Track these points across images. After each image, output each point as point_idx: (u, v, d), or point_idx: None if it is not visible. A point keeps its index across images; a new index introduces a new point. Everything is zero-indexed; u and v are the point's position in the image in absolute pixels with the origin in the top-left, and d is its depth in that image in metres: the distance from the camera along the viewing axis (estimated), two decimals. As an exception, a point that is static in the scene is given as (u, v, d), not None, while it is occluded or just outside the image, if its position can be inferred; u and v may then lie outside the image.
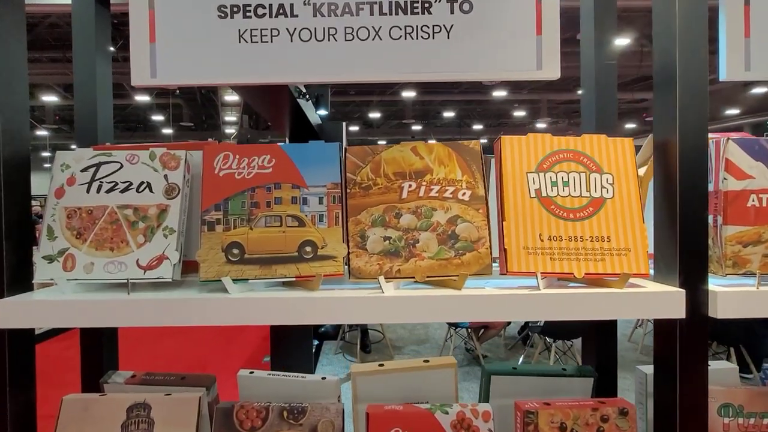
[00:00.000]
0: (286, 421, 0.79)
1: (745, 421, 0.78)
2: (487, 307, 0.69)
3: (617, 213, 0.75)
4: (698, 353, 0.71)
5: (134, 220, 0.79)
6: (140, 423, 0.81)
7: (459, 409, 0.78)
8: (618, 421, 0.79)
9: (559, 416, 0.78)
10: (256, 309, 0.70)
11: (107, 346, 1.03)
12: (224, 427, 0.79)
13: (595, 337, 0.99)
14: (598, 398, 0.83)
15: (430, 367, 0.96)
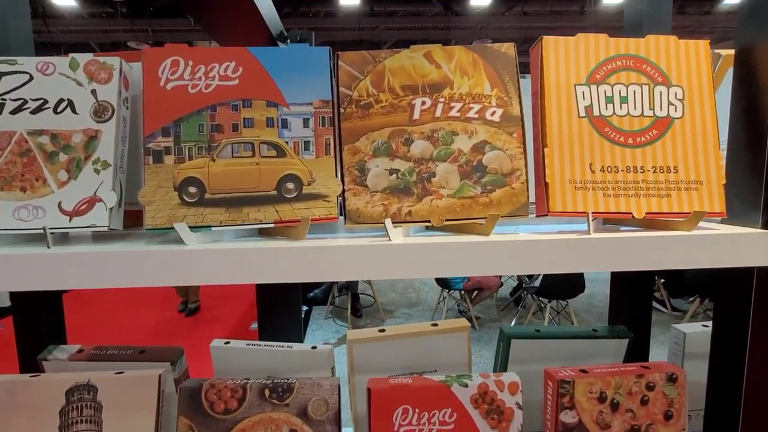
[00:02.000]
0: (268, 401, 0.64)
1: (809, 384, 0.67)
2: (525, 257, 0.54)
3: (687, 137, 0.59)
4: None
5: (53, 151, 0.59)
6: (84, 408, 0.64)
7: (481, 380, 0.65)
8: (665, 389, 0.67)
9: (598, 385, 0.65)
10: (222, 264, 0.52)
11: (49, 317, 0.84)
12: (191, 410, 0.63)
13: (626, 293, 0.87)
14: (640, 363, 0.70)
15: (438, 332, 0.82)
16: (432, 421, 0.63)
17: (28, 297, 0.81)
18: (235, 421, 0.63)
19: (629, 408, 0.66)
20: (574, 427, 0.65)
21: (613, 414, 0.66)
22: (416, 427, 0.63)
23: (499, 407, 0.64)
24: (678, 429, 0.67)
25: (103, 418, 0.64)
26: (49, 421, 0.64)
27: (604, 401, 0.66)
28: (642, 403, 0.67)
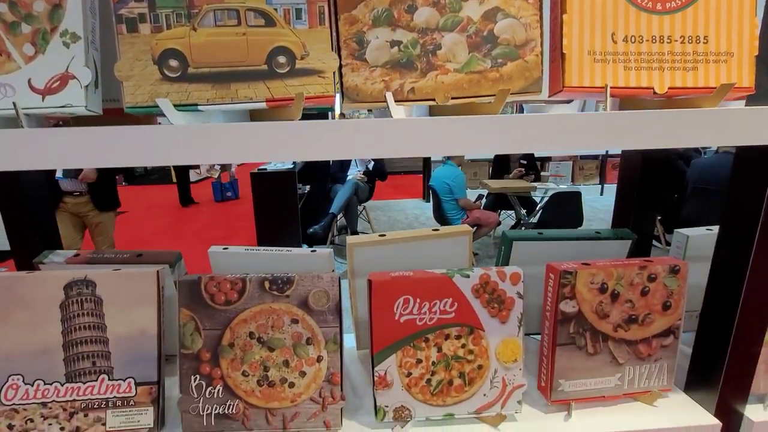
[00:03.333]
0: (269, 293, 0.63)
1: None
2: (538, 133, 0.50)
3: (722, 1, 0.52)
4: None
5: (13, 21, 0.52)
6: (84, 302, 0.64)
7: (482, 272, 0.64)
8: (667, 280, 0.67)
9: (600, 276, 0.65)
10: (213, 139, 0.49)
11: (41, 226, 0.82)
12: (192, 302, 0.63)
13: (631, 202, 0.85)
14: (645, 257, 0.70)
15: (440, 236, 0.81)
16: (433, 310, 0.64)
17: (19, 205, 0.79)
18: (236, 311, 0.63)
19: (629, 299, 0.67)
20: (573, 316, 0.66)
21: (613, 304, 0.67)
22: (417, 316, 0.64)
23: (500, 296, 0.64)
24: (675, 319, 0.69)
25: (104, 312, 0.64)
26: (50, 314, 0.63)
27: (604, 292, 0.66)
28: (642, 294, 0.67)
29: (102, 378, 0.64)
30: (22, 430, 0.63)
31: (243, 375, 0.63)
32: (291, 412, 0.64)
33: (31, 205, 0.79)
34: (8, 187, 0.78)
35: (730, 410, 0.67)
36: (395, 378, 0.65)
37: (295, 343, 0.64)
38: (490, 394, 0.66)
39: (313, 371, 0.64)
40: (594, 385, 0.68)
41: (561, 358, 0.67)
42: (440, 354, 0.65)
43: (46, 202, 0.83)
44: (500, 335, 0.65)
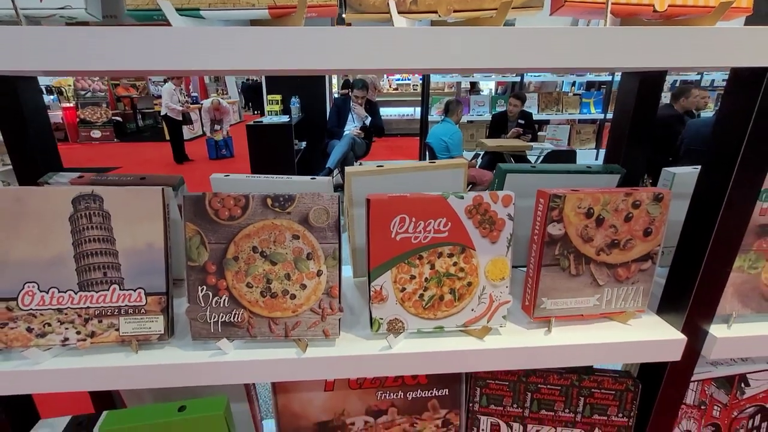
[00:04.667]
0: (271, 210, 0.66)
1: (784, 205, 0.71)
2: (540, 48, 0.51)
3: None
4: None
5: None
6: (93, 216, 0.66)
7: (475, 194, 0.67)
8: (650, 207, 0.70)
9: (587, 201, 0.69)
10: (210, 46, 0.49)
11: (42, 146, 0.83)
12: (197, 217, 0.66)
13: (624, 138, 0.87)
14: (631, 186, 0.73)
15: (436, 167, 0.83)
16: (427, 229, 0.67)
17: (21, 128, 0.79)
18: (240, 227, 0.66)
19: (613, 224, 0.70)
20: (559, 239, 0.70)
21: (597, 229, 0.70)
22: (412, 234, 0.67)
23: (492, 218, 0.67)
24: (654, 245, 0.73)
25: (112, 226, 0.67)
26: (60, 227, 0.66)
27: (590, 216, 0.69)
28: (626, 220, 0.71)
29: (113, 288, 0.68)
30: (41, 333, 0.67)
31: (247, 286, 0.67)
32: (292, 321, 0.69)
33: (33, 127, 0.79)
34: (9, 109, 0.78)
35: (697, 328, 0.72)
36: (390, 292, 0.69)
37: (296, 257, 0.67)
38: (477, 309, 0.71)
39: (313, 284, 0.68)
40: (574, 305, 0.73)
41: (545, 278, 0.71)
42: (433, 271, 0.69)
43: (48, 126, 0.83)
44: (490, 254, 0.69)
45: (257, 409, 1.08)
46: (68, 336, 0.68)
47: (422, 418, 0.88)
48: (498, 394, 0.84)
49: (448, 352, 0.69)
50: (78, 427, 0.73)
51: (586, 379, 0.81)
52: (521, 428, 0.86)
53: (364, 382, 0.85)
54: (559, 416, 0.84)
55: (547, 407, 0.83)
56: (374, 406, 0.87)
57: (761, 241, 0.72)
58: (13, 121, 0.79)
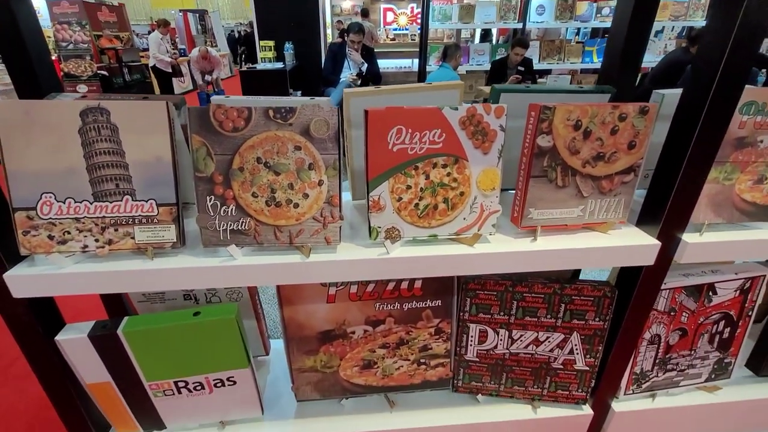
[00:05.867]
0: (273, 121, 0.69)
1: (763, 118, 0.75)
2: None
3: None
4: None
5: None
6: (101, 129, 0.69)
7: (469, 105, 0.70)
8: (635, 120, 0.74)
9: (576, 113, 0.72)
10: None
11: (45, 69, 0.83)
12: (202, 128, 0.68)
13: (617, 60, 0.88)
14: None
15: (433, 88, 0.85)
16: (423, 140, 0.70)
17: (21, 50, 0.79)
18: (243, 138, 0.69)
19: (599, 137, 0.74)
20: (547, 150, 0.73)
21: (584, 141, 0.74)
22: (408, 145, 0.71)
23: (484, 129, 0.71)
24: (637, 158, 0.77)
25: (121, 139, 0.70)
26: (70, 140, 0.69)
27: (578, 129, 0.73)
28: (612, 132, 0.74)
29: (126, 198, 0.72)
30: (62, 240, 0.72)
31: (253, 196, 0.72)
32: (296, 229, 0.74)
33: (32, 47, 0.79)
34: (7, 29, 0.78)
35: (671, 235, 0.78)
36: (387, 202, 0.74)
37: (298, 168, 0.71)
38: (469, 218, 0.76)
39: (315, 194, 0.72)
40: (559, 215, 0.79)
41: (533, 189, 0.76)
42: (428, 181, 0.73)
43: (46, 47, 0.83)
44: (482, 165, 0.73)
45: (264, 326, 1.17)
46: (87, 243, 0.73)
47: (417, 327, 0.96)
48: (486, 304, 0.92)
49: (440, 256, 0.75)
50: (103, 329, 0.80)
51: (567, 287, 0.88)
52: (507, 334, 0.94)
53: (363, 294, 0.91)
54: (542, 322, 0.92)
55: (530, 314, 0.91)
56: (373, 316, 0.94)
57: (737, 153, 0.76)
58: (12, 41, 0.79)
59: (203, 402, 0.93)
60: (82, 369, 0.82)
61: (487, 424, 1.00)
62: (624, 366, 0.96)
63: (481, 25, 5.06)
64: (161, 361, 0.85)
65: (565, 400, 1.00)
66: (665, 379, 1.02)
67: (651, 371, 1.00)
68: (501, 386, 1.01)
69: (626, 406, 1.01)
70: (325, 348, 0.97)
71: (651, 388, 1.02)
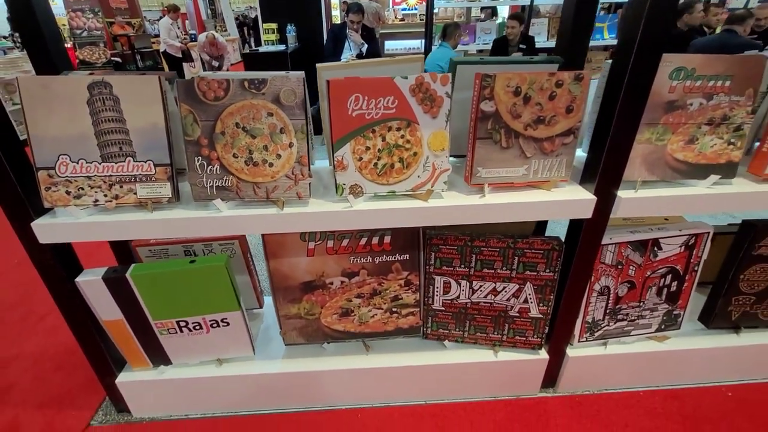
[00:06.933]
0: (248, 91, 0.80)
1: (692, 83, 0.82)
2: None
3: None
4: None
5: None
6: (105, 100, 0.81)
7: (418, 74, 0.79)
8: (571, 86, 0.82)
9: (515, 80, 0.80)
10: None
11: (59, 51, 0.96)
12: (189, 98, 0.80)
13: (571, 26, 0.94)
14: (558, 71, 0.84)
15: (396, 62, 0.95)
16: (378, 106, 0.80)
17: (34, 29, 0.91)
18: (224, 106, 0.80)
19: (538, 102, 0.82)
20: (491, 115, 0.82)
21: (524, 106, 0.83)
22: (365, 111, 0.81)
23: (432, 95, 0.80)
24: (575, 121, 0.85)
25: (122, 108, 0.82)
26: (81, 109, 0.81)
27: (518, 94, 0.81)
28: (550, 98, 0.82)
29: (128, 160, 0.85)
30: (77, 195, 0.86)
31: (234, 156, 0.83)
32: (272, 185, 0.86)
33: (47, 31, 0.91)
34: (25, 15, 0.90)
35: (606, 191, 0.87)
36: (350, 162, 0.85)
37: (271, 131, 0.82)
38: (423, 176, 0.87)
39: (286, 154, 0.84)
40: (505, 174, 0.88)
41: (480, 149, 0.85)
42: (384, 143, 0.83)
43: (58, 32, 0.95)
44: (431, 128, 0.83)
45: (257, 282, 1.31)
46: (98, 198, 0.86)
47: (388, 279, 1.08)
48: (449, 257, 1.03)
49: (398, 209, 0.86)
50: (114, 273, 0.94)
51: (520, 242, 0.98)
52: (467, 284, 1.05)
53: (339, 248, 1.03)
54: (498, 273, 1.02)
55: (488, 266, 1.02)
56: (348, 268, 1.06)
57: (668, 115, 0.84)
58: (31, 27, 0.91)
59: (202, 341, 1.08)
60: (99, 307, 0.97)
61: (453, 366, 1.12)
62: (575, 314, 1.06)
63: (487, 3, 4.99)
64: (164, 302, 1.00)
65: (523, 346, 1.11)
66: (616, 328, 1.11)
67: (602, 320, 1.09)
68: (465, 333, 1.13)
69: (580, 352, 1.12)
70: (307, 297, 1.09)
71: (603, 336, 1.12)
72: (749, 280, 1.07)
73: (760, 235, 1.01)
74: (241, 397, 1.16)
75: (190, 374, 1.11)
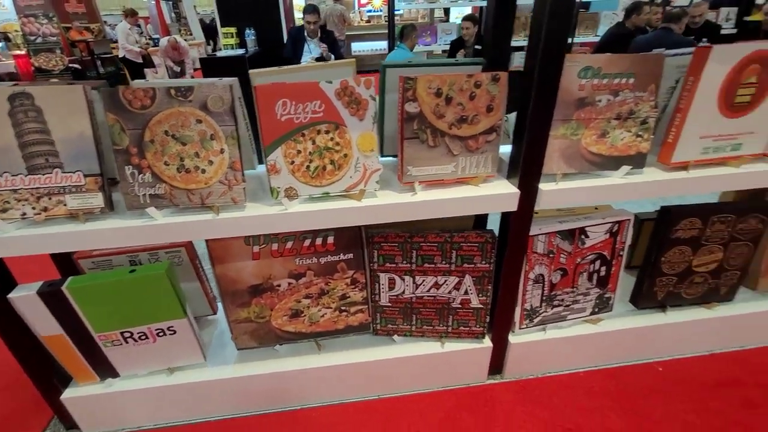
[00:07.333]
0: (175, 99, 0.81)
1: (599, 81, 0.88)
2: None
3: None
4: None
5: None
6: (28, 111, 0.80)
7: (342, 78, 0.82)
8: (489, 87, 0.87)
9: (436, 82, 0.84)
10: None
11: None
12: (114, 107, 0.80)
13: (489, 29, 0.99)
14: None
15: (329, 66, 0.97)
16: (306, 110, 0.83)
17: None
18: (151, 114, 0.81)
19: (460, 102, 0.87)
20: (415, 115, 0.86)
21: (447, 106, 0.87)
22: (294, 115, 0.83)
23: (357, 98, 0.83)
24: (496, 119, 0.90)
25: (46, 119, 0.81)
26: (3, 122, 0.80)
27: (440, 96, 0.86)
28: (470, 98, 0.87)
29: (56, 171, 0.84)
30: (2, 209, 0.84)
31: (165, 164, 0.84)
32: (206, 191, 0.87)
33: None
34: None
35: (528, 184, 0.93)
36: (282, 165, 0.87)
37: (201, 138, 0.83)
38: (354, 177, 0.90)
39: (218, 160, 0.85)
40: (434, 171, 0.92)
41: (408, 149, 0.89)
42: (314, 146, 0.86)
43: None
44: (359, 130, 0.86)
45: (209, 287, 1.30)
46: (25, 211, 0.85)
47: (334, 278, 1.11)
48: (391, 254, 1.06)
49: (333, 210, 0.89)
50: (49, 286, 0.93)
51: (456, 236, 1.02)
52: (411, 279, 1.09)
53: (284, 251, 1.05)
54: (438, 267, 1.06)
55: (428, 261, 1.06)
56: (295, 270, 1.08)
57: (580, 112, 0.90)
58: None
59: (149, 350, 1.07)
60: (36, 323, 0.95)
61: (403, 359, 1.16)
62: (513, 302, 1.12)
63: (447, 4, 5.10)
64: (106, 314, 0.99)
65: (467, 336, 1.16)
66: (554, 313, 1.18)
67: (540, 307, 1.16)
68: (413, 327, 1.17)
69: (521, 338, 1.18)
70: (256, 300, 1.11)
71: (542, 322, 1.19)
72: (670, 262, 1.15)
73: (676, 219, 1.09)
74: (194, 404, 1.16)
75: (139, 385, 1.10)
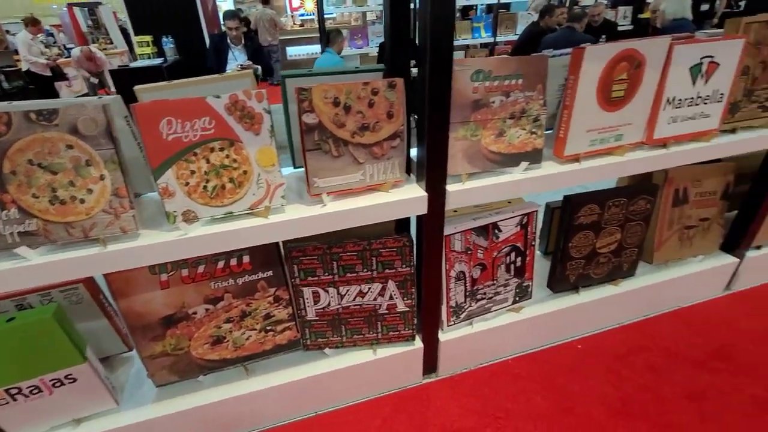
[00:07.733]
0: (37, 123, 0.72)
1: (491, 83, 0.92)
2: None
3: None
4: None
5: None
6: None
7: (231, 93, 0.78)
8: (387, 93, 0.87)
9: (332, 92, 0.83)
10: None
11: None
12: (-39, 137, 0.70)
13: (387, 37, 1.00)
14: (374, 79, 0.89)
15: (224, 78, 0.92)
16: (195, 128, 0.78)
17: None
18: (9, 142, 0.71)
19: (359, 110, 0.87)
20: (315, 126, 0.85)
21: (347, 115, 0.86)
22: (182, 134, 0.78)
23: (250, 113, 0.80)
24: (398, 125, 0.91)
25: None
26: None
27: (338, 105, 0.85)
28: (369, 105, 0.87)
29: None
30: None
31: (33, 197, 0.75)
32: (88, 223, 0.79)
33: None
34: None
35: (436, 186, 0.95)
36: (176, 188, 0.81)
37: (75, 165, 0.75)
38: (258, 193, 0.86)
39: (99, 188, 0.77)
40: (342, 181, 0.91)
41: (311, 161, 0.87)
42: (209, 164, 0.81)
43: None
44: (256, 145, 0.82)
45: (119, 323, 1.19)
46: None
47: (255, 298, 1.06)
48: (311, 267, 1.04)
49: (239, 229, 0.85)
50: None
51: (374, 242, 1.02)
52: (335, 291, 1.07)
53: (195, 276, 0.98)
54: (360, 276, 1.06)
55: (350, 270, 1.05)
56: (211, 294, 1.02)
57: (476, 113, 0.93)
58: None
59: (46, 404, 0.95)
60: None
61: (337, 372, 1.14)
62: (437, 301, 1.14)
63: (375, 8, 5.15)
64: (-17, 371, 0.86)
65: (398, 339, 1.17)
66: (478, 307, 1.22)
67: (464, 303, 1.19)
68: (343, 338, 1.15)
69: (451, 335, 1.20)
70: (171, 332, 1.03)
71: (468, 317, 1.22)
72: (577, 246, 1.24)
73: (576, 206, 1.18)
74: (109, 454, 1.05)
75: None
